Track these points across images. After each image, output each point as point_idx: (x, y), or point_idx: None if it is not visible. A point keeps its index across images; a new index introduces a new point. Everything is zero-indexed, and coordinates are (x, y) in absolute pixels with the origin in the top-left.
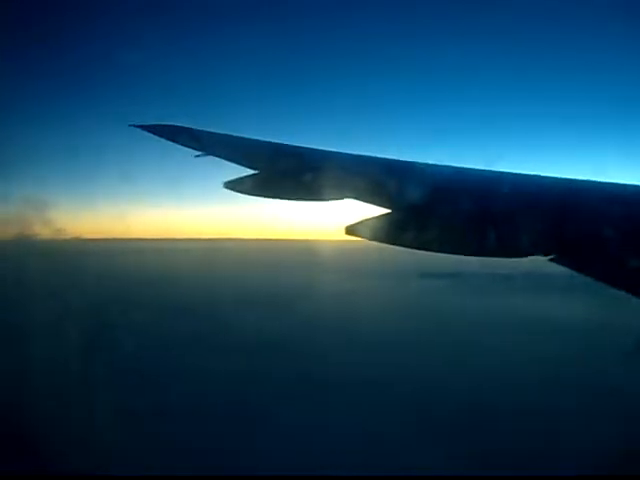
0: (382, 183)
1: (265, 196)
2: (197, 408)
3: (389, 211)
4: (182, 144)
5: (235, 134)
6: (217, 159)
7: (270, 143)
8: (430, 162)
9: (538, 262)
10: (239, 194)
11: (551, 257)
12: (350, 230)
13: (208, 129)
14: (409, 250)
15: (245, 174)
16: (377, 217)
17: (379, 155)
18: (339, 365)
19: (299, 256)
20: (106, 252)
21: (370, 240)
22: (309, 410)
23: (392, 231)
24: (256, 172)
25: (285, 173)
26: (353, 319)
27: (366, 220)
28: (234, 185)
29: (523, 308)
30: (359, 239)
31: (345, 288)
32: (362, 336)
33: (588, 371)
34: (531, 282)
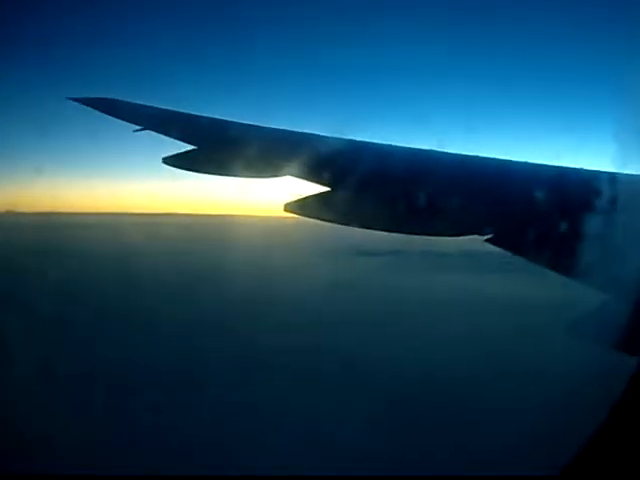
0: (322, 161)
1: (204, 172)
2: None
3: (329, 189)
4: (121, 118)
5: (176, 109)
6: (156, 134)
7: (210, 119)
8: (372, 141)
9: (475, 241)
10: (178, 169)
11: (487, 237)
12: (289, 207)
13: (149, 104)
14: (348, 228)
15: (184, 150)
16: (316, 195)
17: (323, 134)
18: (264, 345)
19: (236, 232)
20: (39, 226)
21: (309, 218)
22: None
23: (331, 209)
24: (195, 148)
25: (224, 149)
26: (287, 296)
27: (305, 198)
28: (173, 161)
29: (459, 286)
30: (298, 216)
31: (281, 264)
32: (297, 313)
33: (522, 349)
34: (468, 261)
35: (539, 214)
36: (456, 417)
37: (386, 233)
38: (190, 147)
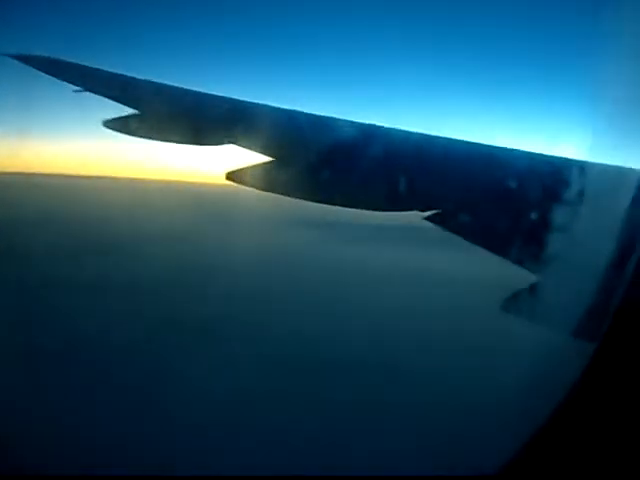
0: (266, 131)
1: (146, 137)
2: None
3: (272, 159)
4: (60, 78)
5: (119, 72)
6: (96, 96)
7: (153, 83)
8: (317, 114)
9: (414, 217)
10: (118, 133)
11: (426, 214)
12: (231, 176)
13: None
14: (289, 199)
15: (126, 113)
16: (259, 165)
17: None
18: (184, 315)
19: (175, 198)
20: None
21: (251, 187)
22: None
23: (273, 179)
24: (138, 112)
25: (168, 115)
26: (217, 265)
27: (248, 167)
28: (115, 124)
29: (393, 259)
30: (240, 185)
31: (215, 232)
32: (227, 282)
33: (455, 327)
34: (405, 235)
35: (481, 196)
36: (380, 403)
37: (326, 205)
38: (132, 111)
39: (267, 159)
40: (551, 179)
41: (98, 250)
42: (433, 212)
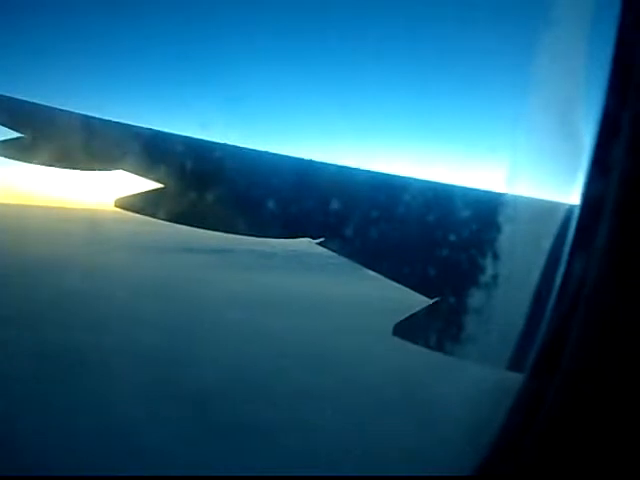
0: (156, 157)
1: (31, 162)
2: None
3: (160, 186)
4: None
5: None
6: None
7: (40, 105)
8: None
9: (303, 242)
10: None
11: (318, 240)
12: (119, 203)
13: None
14: (178, 226)
15: (9, 137)
16: (148, 191)
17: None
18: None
19: (60, 225)
20: None
21: (140, 214)
22: None
23: (162, 206)
24: (22, 136)
25: (52, 139)
26: (104, 291)
27: (137, 194)
28: None
29: (280, 285)
30: (129, 212)
31: (101, 260)
32: (115, 308)
33: (347, 349)
34: (297, 261)
35: (372, 220)
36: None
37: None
38: (14, 134)
39: (156, 185)
40: (448, 206)
41: None
42: (325, 238)
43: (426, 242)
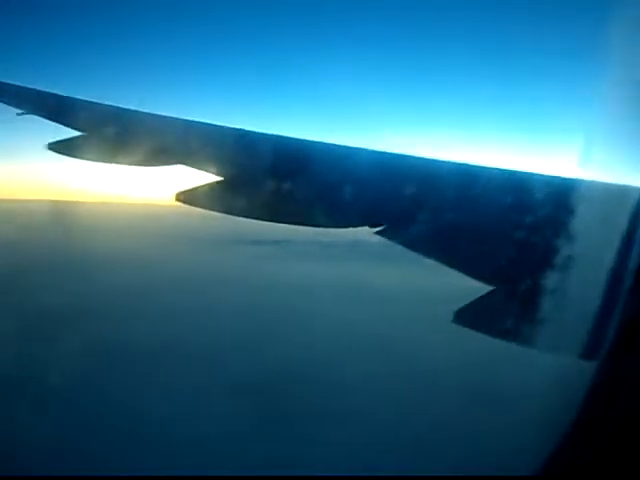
0: (214, 151)
1: (91, 159)
2: None
3: (220, 179)
4: (1, 101)
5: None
6: (39, 118)
7: (98, 104)
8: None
9: (365, 232)
10: (64, 155)
11: (377, 229)
12: (180, 197)
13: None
14: (238, 218)
15: (71, 135)
16: (208, 185)
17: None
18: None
19: (125, 221)
20: None
21: (201, 207)
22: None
23: (222, 199)
24: (83, 134)
25: (113, 136)
26: (167, 284)
27: (196, 187)
28: (59, 147)
29: (342, 275)
30: (190, 206)
31: (166, 253)
32: (178, 300)
33: (409, 338)
34: (356, 251)
35: (433, 209)
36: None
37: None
38: (76, 133)
39: (215, 179)
40: (516, 193)
41: (44, 274)
42: (384, 227)
43: (491, 230)
